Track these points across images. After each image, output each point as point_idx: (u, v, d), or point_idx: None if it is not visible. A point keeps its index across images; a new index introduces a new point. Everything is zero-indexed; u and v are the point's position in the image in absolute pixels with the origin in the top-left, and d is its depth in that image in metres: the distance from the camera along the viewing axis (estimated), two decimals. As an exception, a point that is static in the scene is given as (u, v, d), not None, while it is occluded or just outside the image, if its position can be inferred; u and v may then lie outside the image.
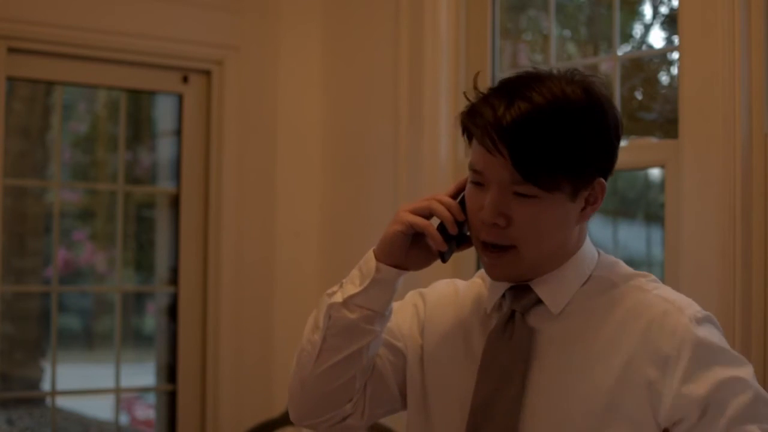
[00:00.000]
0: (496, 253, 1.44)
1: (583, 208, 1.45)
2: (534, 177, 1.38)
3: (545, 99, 1.38)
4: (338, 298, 1.49)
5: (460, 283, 1.64)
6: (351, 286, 1.49)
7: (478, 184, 1.44)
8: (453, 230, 1.48)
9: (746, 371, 1.38)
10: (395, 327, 1.59)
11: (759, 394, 1.36)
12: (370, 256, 1.49)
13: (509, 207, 1.41)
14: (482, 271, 1.62)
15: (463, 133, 1.49)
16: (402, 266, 1.49)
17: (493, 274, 1.48)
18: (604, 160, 1.44)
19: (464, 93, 1.49)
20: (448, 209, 1.47)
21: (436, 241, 1.47)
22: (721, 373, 1.35)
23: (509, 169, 1.39)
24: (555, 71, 1.45)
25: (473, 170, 1.45)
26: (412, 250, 1.49)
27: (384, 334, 1.55)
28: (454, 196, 1.51)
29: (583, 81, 1.43)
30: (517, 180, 1.39)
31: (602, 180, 1.44)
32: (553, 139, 1.37)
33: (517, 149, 1.37)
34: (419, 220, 1.46)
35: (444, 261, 1.52)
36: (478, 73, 1.55)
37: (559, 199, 1.41)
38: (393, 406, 1.60)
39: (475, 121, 1.42)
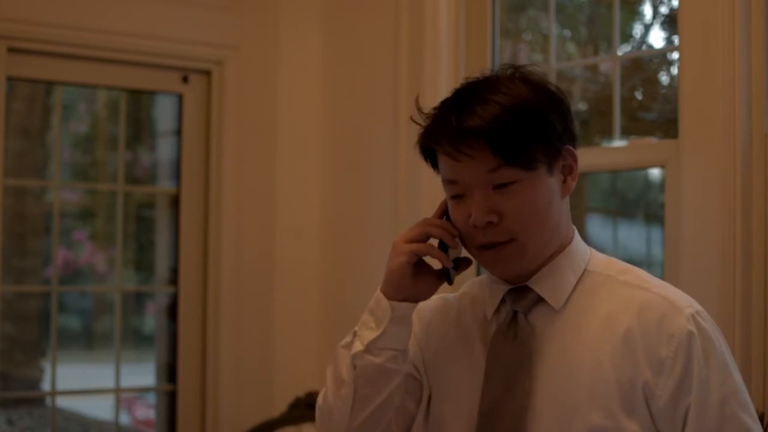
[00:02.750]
0: (496, 251, 1.45)
1: (564, 181, 1.49)
2: (513, 155, 1.41)
3: (501, 94, 1.43)
4: (359, 346, 1.48)
5: (450, 296, 1.65)
6: (368, 331, 1.48)
7: (457, 196, 1.47)
8: (452, 243, 1.49)
9: (735, 381, 1.40)
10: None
11: (743, 405, 1.38)
12: (379, 296, 1.49)
13: (496, 203, 1.43)
14: (469, 282, 1.65)
15: (426, 158, 1.52)
16: (412, 298, 1.49)
17: (498, 272, 1.49)
18: (565, 126, 1.48)
19: (411, 118, 1.52)
20: (441, 227, 1.49)
21: (442, 259, 1.49)
22: (712, 388, 1.37)
23: (484, 161, 1.42)
24: (490, 74, 1.51)
25: (448, 182, 1.47)
26: (416, 279, 1.49)
27: None
28: (439, 218, 1.53)
29: (522, 74, 1.49)
30: (494, 168, 1.42)
31: (570, 148, 1.49)
32: (520, 117, 1.42)
33: (492, 134, 1.40)
34: (420, 245, 1.48)
35: (450, 282, 1.53)
36: (417, 96, 1.58)
37: (539, 176, 1.44)
38: None
39: (437, 133, 1.45)
